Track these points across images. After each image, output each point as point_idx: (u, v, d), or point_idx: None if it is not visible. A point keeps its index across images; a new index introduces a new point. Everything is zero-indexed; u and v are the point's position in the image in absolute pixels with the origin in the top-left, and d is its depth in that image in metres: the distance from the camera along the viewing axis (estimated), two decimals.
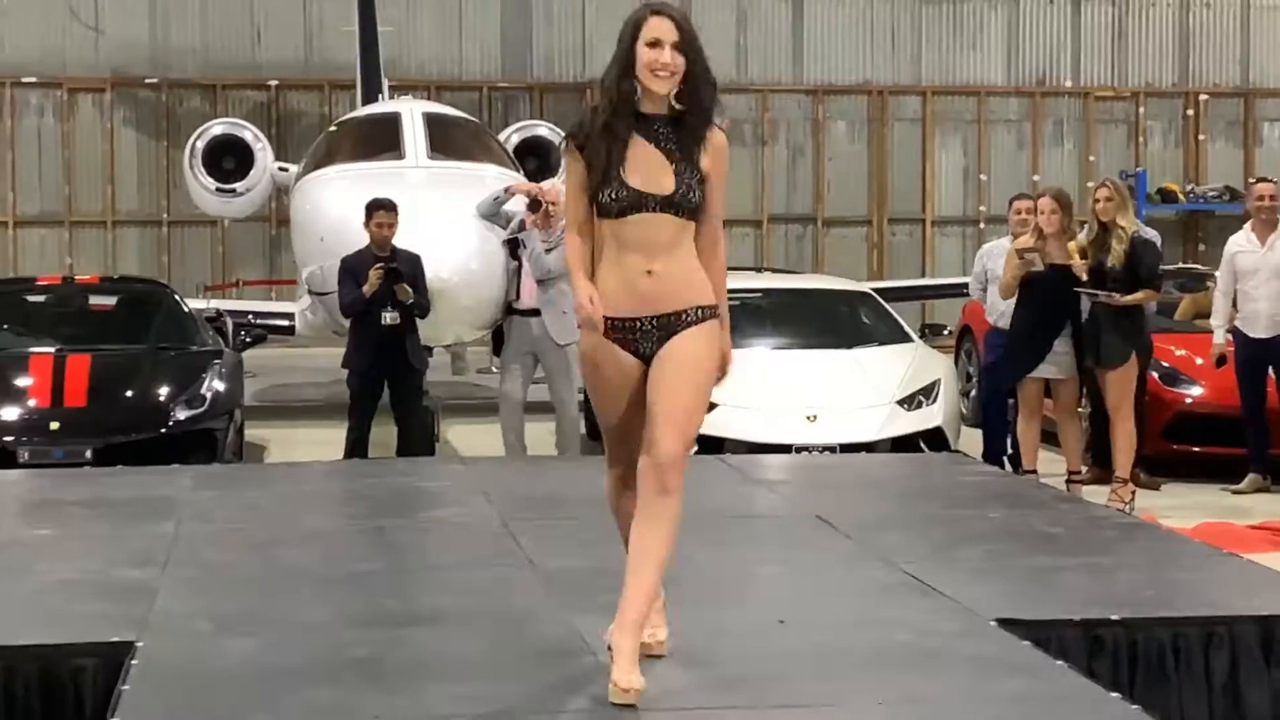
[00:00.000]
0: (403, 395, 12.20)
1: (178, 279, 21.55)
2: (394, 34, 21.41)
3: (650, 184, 5.61)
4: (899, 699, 5.61)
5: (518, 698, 5.55)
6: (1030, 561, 7.75)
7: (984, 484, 10.09)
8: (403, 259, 12.08)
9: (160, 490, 9.55)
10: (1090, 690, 5.66)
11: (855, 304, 14.18)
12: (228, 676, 5.81)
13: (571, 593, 6.95)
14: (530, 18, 23.48)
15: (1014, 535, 8.26)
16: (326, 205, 15.06)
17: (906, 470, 11.00)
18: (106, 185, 22.70)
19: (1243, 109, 24.45)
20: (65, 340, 13.16)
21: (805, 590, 7.34)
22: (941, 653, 6.13)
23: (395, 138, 15.83)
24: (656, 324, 5.64)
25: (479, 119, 21.12)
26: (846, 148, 23.71)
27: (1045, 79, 24.12)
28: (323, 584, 7.32)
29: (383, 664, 5.93)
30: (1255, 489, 12.27)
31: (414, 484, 10.07)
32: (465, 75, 23.30)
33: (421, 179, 15.12)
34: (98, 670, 5.92)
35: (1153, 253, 11.61)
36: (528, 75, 23.39)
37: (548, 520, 8.75)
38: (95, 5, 22.56)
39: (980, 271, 12.99)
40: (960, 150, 24.01)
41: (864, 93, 23.75)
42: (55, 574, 7.41)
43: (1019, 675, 5.82)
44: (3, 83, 22.42)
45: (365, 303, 11.85)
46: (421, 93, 22.01)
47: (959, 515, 8.99)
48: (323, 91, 22.84)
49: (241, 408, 13.05)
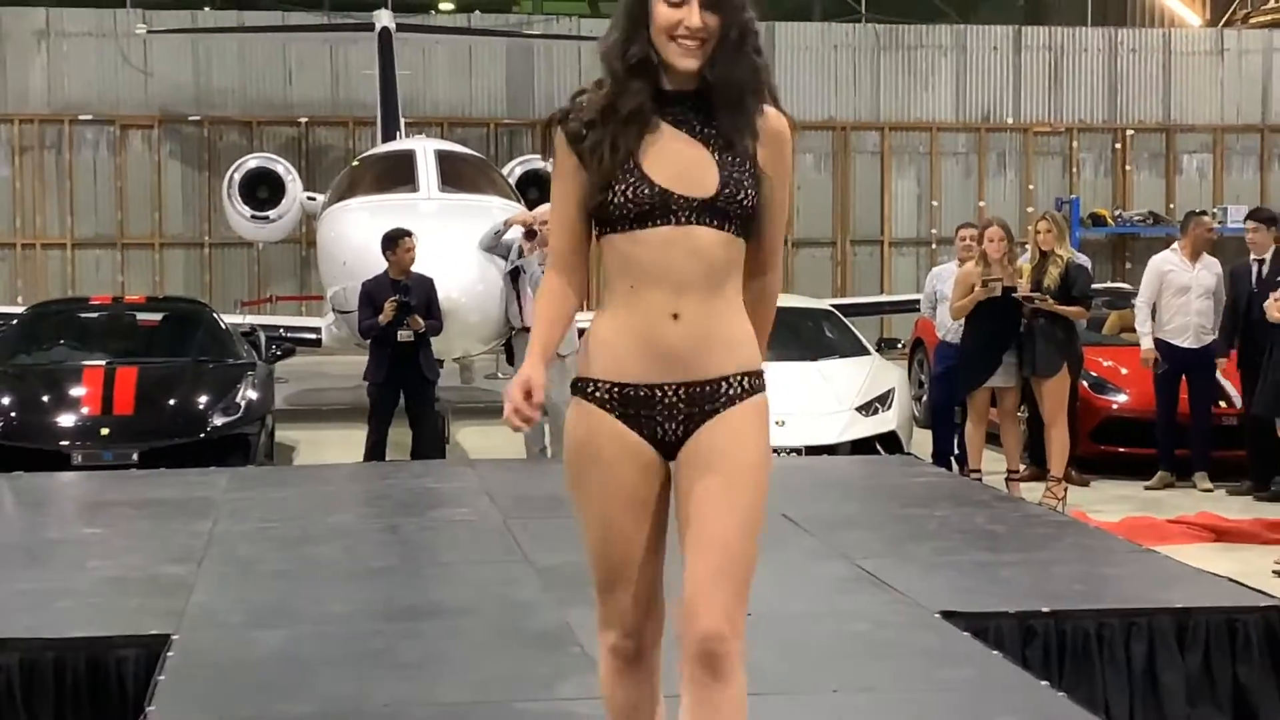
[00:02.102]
0: (417, 403, 12.16)
1: (218, 295, 21.56)
2: (410, 76, 21.35)
3: (682, 182, 3.59)
4: (852, 687, 5.61)
5: (512, 685, 5.52)
6: (972, 557, 7.72)
7: (933, 485, 10.07)
8: (416, 282, 12.06)
9: (199, 491, 9.49)
10: (1021, 678, 5.65)
11: (819, 320, 14.16)
12: (256, 667, 5.77)
13: (563, 587, 6.89)
14: (532, 62, 23.45)
15: (959, 532, 8.24)
16: (349, 233, 15.06)
17: (864, 472, 10.97)
18: (154, 211, 22.63)
19: (1165, 142, 24.45)
20: (115, 354, 13.11)
21: (772, 585, 7.21)
22: (891, 643, 6.12)
23: (410, 173, 15.84)
24: (684, 396, 3.63)
25: (486, 152, 21.17)
26: (814, 177, 23.66)
27: (989, 116, 24.09)
28: (344, 579, 7.27)
29: (395, 654, 5.90)
30: (1164, 485, 12.32)
31: (425, 485, 10.02)
32: (474, 113, 23.25)
33: (434, 210, 15.12)
34: (139, 661, 5.89)
35: (1084, 276, 11.68)
36: (530, 113, 23.33)
37: (544, 519, 8.69)
38: (145, 51, 22.48)
39: (930, 292, 13.04)
40: (914, 179, 23.98)
41: (829, 129, 23.72)
42: (103, 570, 7.37)
43: (958, 664, 5.79)
44: (63, 120, 22.35)
45: (381, 329, 11.85)
46: (435, 129, 21.97)
47: (910, 514, 8.96)
48: (347, 127, 22.79)
49: (272, 414, 13.04)
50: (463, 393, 17.31)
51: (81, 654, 5.93)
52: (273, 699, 5.39)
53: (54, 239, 22.41)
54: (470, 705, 5.33)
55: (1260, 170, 24.48)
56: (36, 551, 7.96)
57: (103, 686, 5.86)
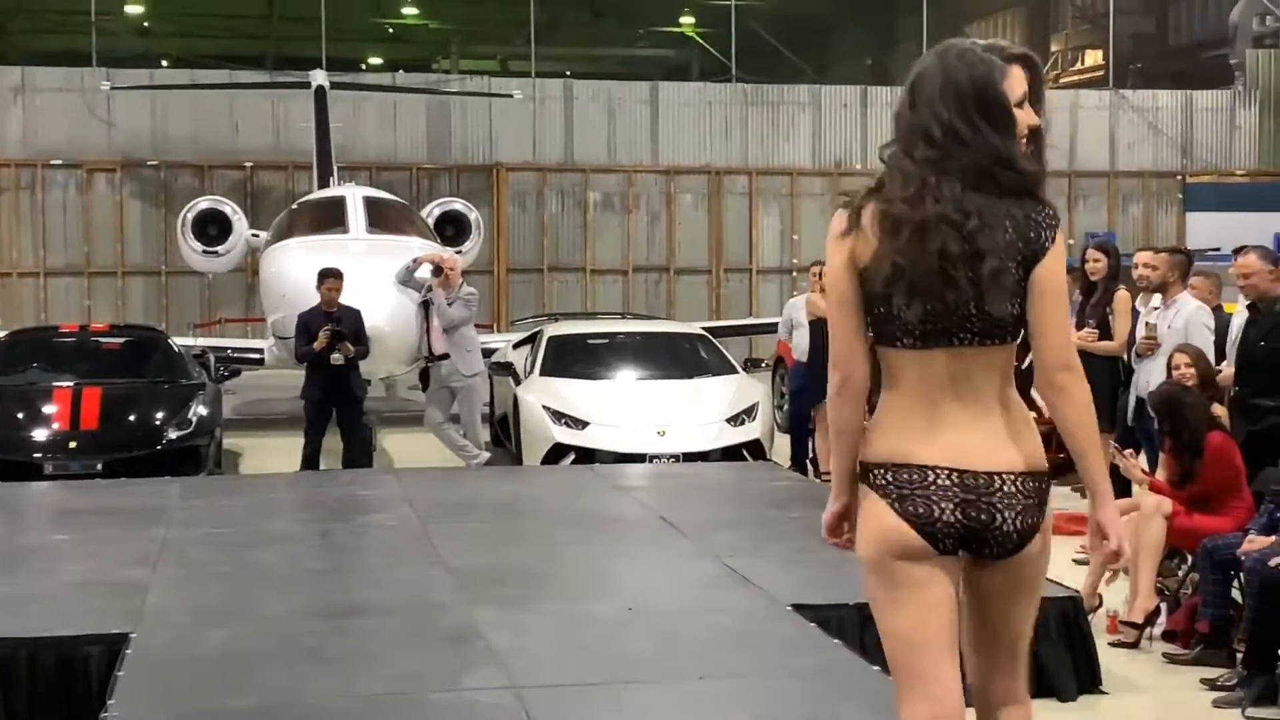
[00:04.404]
0: (347, 417, 12.12)
1: (174, 318, 21.33)
2: (342, 128, 21.23)
3: None
4: (717, 674, 5.64)
5: (426, 679, 5.52)
6: (823, 554, 7.47)
7: (791, 488, 10.16)
8: (346, 313, 12.04)
9: (155, 499, 9.40)
10: (857, 664, 5.69)
11: (694, 343, 14.24)
12: (204, 663, 5.73)
13: (474, 587, 6.93)
14: (449, 115, 23.38)
15: (812, 531, 8.07)
16: (288, 269, 14.96)
17: (733, 477, 11.04)
18: (117, 244, 22.30)
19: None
20: (81, 375, 12.88)
21: (651, 582, 7.36)
22: (751, 635, 6.16)
23: (342, 215, 15.79)
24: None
25: (408, 194, 21.10)
26: (692, 214, 23.77)
27: (841, 163, 24.28)
28: (282, 581, 7.22)
29: (325, 650, 5.88)
30: None
31: (354, 493, 9.97)
32: (398, 159, 23.12)
33: (362, 249, 15.08)
34: (102, 657, 5.84)
35: None
36: (448, 159, 23.29)
37: (458, 524, 8.72)
38: (109, 104, 22.21)
39: (786, 320, 13.17)
40: (778, 217, 24.14)
41: (705, 173, 23.83)
42: (71, 574, 7.33)
43: (805, 652, 5.83)
44: (36, 165, 21.98)
45: (316, 355, 11.80)
46: (364, 173, 21.85)
47: (771, 515, 8.99)
48: (288, 171, 22.57)
49: (221, 427, 12.91)
50: (388, 404, 17.29)
51: (52, 652, 5.90)
52: (219, 693, 5.38)
53: (28, 269, 22.06)
54: (387, 696, 5.32)
55: (1068, 209, 24.88)
56: (13, 557, 7.88)
57: (71, 682, 5.83)
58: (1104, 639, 7.33)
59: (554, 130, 23.58)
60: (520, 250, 23.32)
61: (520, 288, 23.29)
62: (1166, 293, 9.21)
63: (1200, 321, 9.05)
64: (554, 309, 21.76)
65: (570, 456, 11.99)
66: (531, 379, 13.05)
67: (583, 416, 12.23)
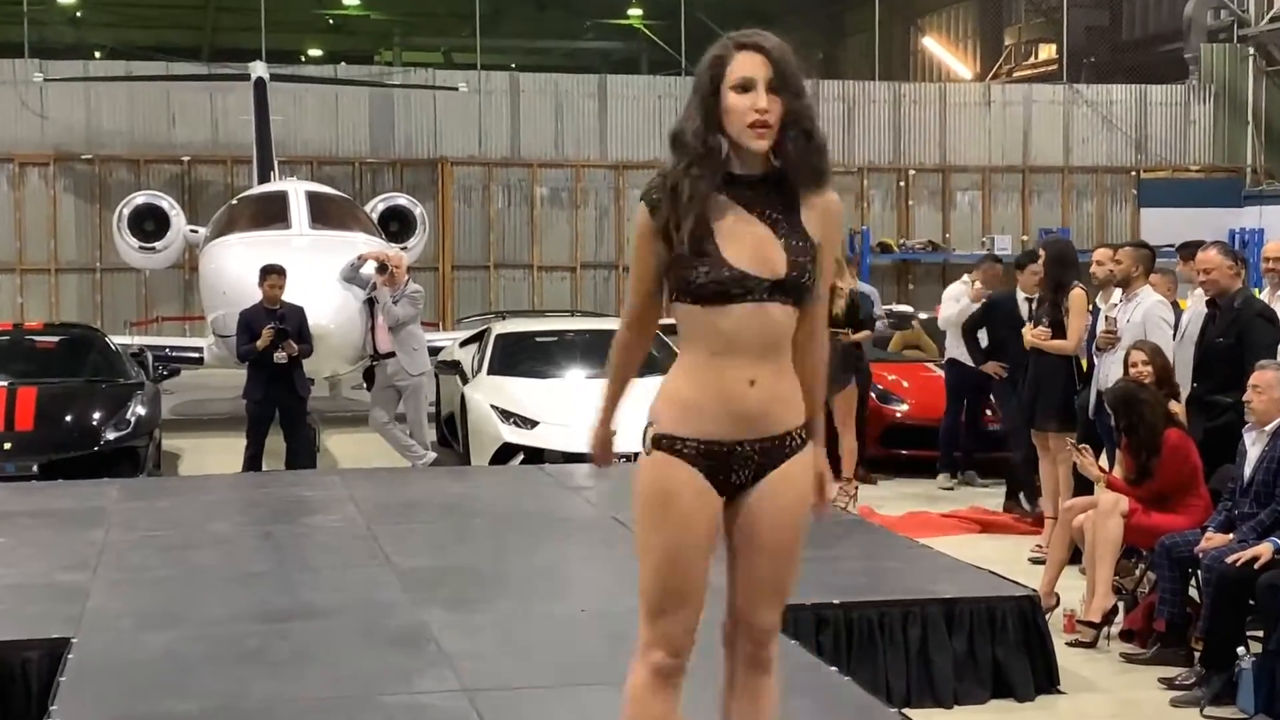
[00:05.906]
0: (291, 418, 12.04)
1: (109, 316, 21.19)
2: (283, 121, 21.15)
3: (756, 263, 3.55)
4: None
5: (373, 681, 5.50)
6: None
7: None
8: (289, 310, 11.98)
9: (93, 501, 9.30)
10: (814, 664, 5.77)
11: None
12: (146, 667, 5.70)
13: (421, 588, 6.92)
14: (392, 108, 23.31)
15: None
16: (228, 266, 14.86)
17: None
18: (50, 240, 22.14)
19: (941, 181, 24.99)
20: (16, 375, 12.77)
21: (602, 583, 7.34)
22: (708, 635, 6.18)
23: (284, 211, 15.69)
24: (759, 450, 3.66)
25: (351, 189, 21.04)
26: None
27: None
28: (224, 583, 7.17)
29: (269, 653, 5.86)
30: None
31: (297, 494, 9.89)
32: (340, 153, 23.06)
33: (305, 245, 14.98)
34: (42, 662, 5.81)
35: (868, 303, 11.94)
36: (391, 153, 23.22)
37: (404, 524, 8.69)
38: (41, 96, 22.02)
39: None
40: None
41: (654, 167, 23.58)
42: (9, 578, 7.23)
43: None
44: None
45: (258, 354, 11.74)
46: (305, 168, 21.77)
47: None
48: (226, 165, 22.46)
49: (160, 428, 12.82)
50: (332, 404, 17.22)
51: None
52: (162, 697, 5.35)
53: None
54: (334, 700, 5.30)
55: (1022, 205, 25.13)
56: None
57: (9, 687, 5.78)
58: (1061, 638, 7.41)
59: (500, 124, 23.55)
60: (466, 246, 23.29)
61: (466, 285, 23.26)
62: (1129, 287, 9.27)
63: (1159, 316, 9.11)
64: (501, 306, 21.74)
65: (519, 456, 11.97)
66: (479, 378, 13.03)
67: (532, 415, 12.21)
